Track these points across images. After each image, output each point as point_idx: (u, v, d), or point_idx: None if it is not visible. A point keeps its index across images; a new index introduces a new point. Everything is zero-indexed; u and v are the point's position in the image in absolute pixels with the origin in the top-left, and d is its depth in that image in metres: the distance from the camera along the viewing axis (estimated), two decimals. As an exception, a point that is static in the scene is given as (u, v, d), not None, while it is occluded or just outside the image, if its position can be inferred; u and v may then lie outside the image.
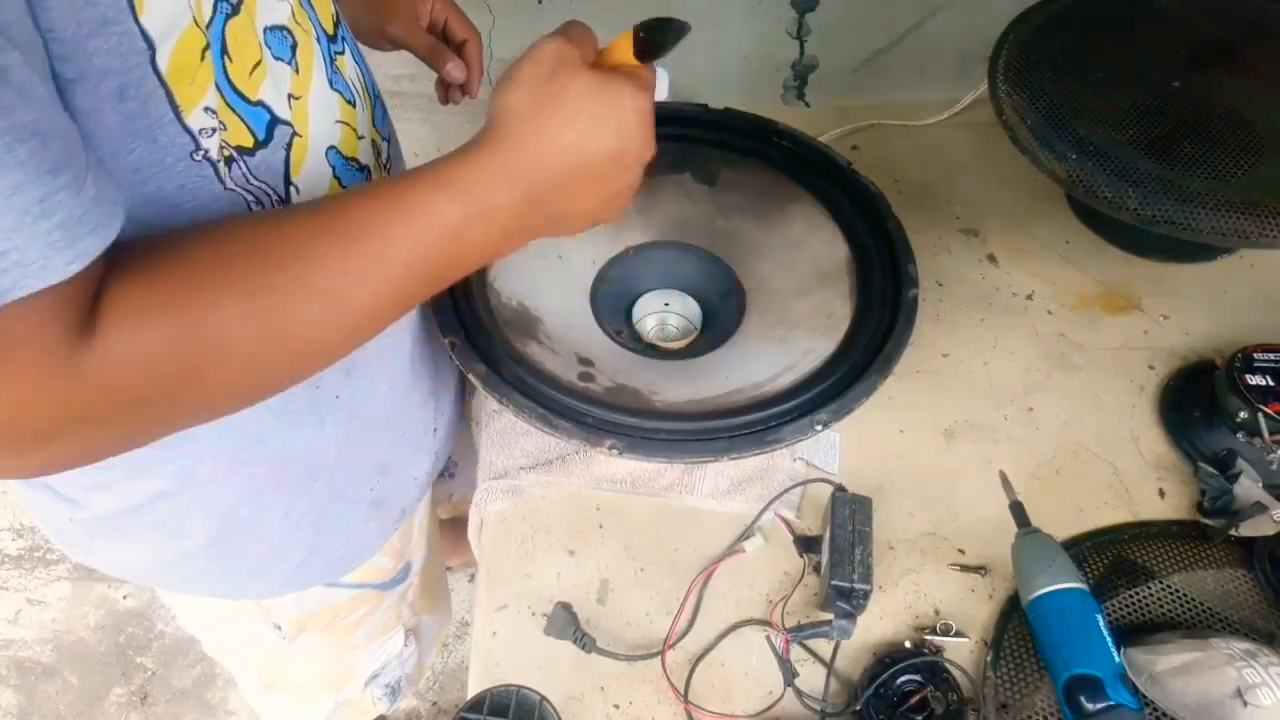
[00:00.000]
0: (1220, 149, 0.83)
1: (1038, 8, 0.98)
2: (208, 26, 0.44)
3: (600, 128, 0.48)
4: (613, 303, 0.85)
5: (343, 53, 0.58)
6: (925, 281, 0.79)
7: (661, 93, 0.98)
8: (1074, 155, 0.83)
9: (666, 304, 0.87)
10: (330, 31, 0.57)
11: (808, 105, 1.32)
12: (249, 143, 0.48)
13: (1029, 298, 0.91)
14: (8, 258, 0.34)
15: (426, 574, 0.91)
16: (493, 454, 0.80)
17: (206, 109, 0.44)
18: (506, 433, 0.81)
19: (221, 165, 0.47)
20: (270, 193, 0.51)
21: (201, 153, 0.45)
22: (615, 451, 0.66)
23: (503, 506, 0.77)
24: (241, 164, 0.48)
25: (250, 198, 0.50)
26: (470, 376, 0.69)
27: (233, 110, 0.46)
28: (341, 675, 0.90)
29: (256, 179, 0.49)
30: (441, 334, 0.71)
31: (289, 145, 0.51)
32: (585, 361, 0.75)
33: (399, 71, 1.38)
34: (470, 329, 0.71)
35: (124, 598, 1.68)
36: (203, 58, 0.43)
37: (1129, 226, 0.81)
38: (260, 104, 0.48)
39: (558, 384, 0.70)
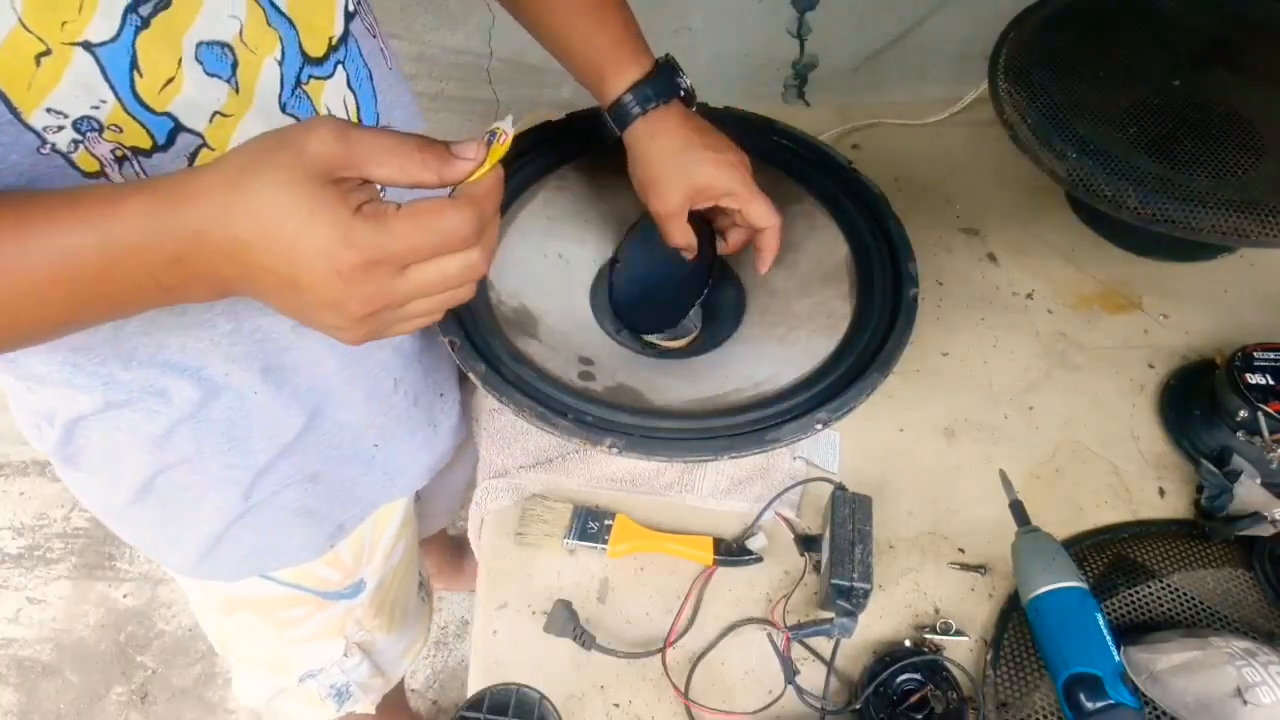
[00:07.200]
0: (1220, 148, 0.83)
1: (1037, 7, 0.98)
2: (115, 39, 0.45)
3: (291, 256, 0.41)
4: (613, 302, 0.84)
5: (327, 77, 0.56)
6: (925, 281, 0.79)
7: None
8: (1074, 154, 0.83)
9: (667, 303, 0.87)
10: (317, 54, 0.55)
11: (808, 105, 1.32)
12: (146, 144, 0.50)
13: (1029, 297, 0.91)
14: None
15: (385, 596, 0.90)
16: (493, 453, 0.80)
17: (49, 110, 0.45)
18: (506, 432, 0.81)
19: (73, 153, 0.47)
20: None
21: (48, 146, 0.46)
22: (615, 450, 0.66)
23: (503, 505, 0.77)
24: (135, 163, 0.50)
25: None
26: (470, 375, 0.69)
27: (133, 117, 0.48)
28: (278, 662, 0.91)
29: (148, 177, 0.51)
30: (441, 334, 0.71)
31: (194, 154, 0.52)
32: (585, 361, 0.75)
33: (399, 71, 1.38)
34: (470, 329, 0.71)
35: (124, 597, 1.68)
36: (39, 63, 0.44)
37: (1129, 225, 0.81)
38: (167, 114, 0.49)
39: (558, 383, 0.70)
